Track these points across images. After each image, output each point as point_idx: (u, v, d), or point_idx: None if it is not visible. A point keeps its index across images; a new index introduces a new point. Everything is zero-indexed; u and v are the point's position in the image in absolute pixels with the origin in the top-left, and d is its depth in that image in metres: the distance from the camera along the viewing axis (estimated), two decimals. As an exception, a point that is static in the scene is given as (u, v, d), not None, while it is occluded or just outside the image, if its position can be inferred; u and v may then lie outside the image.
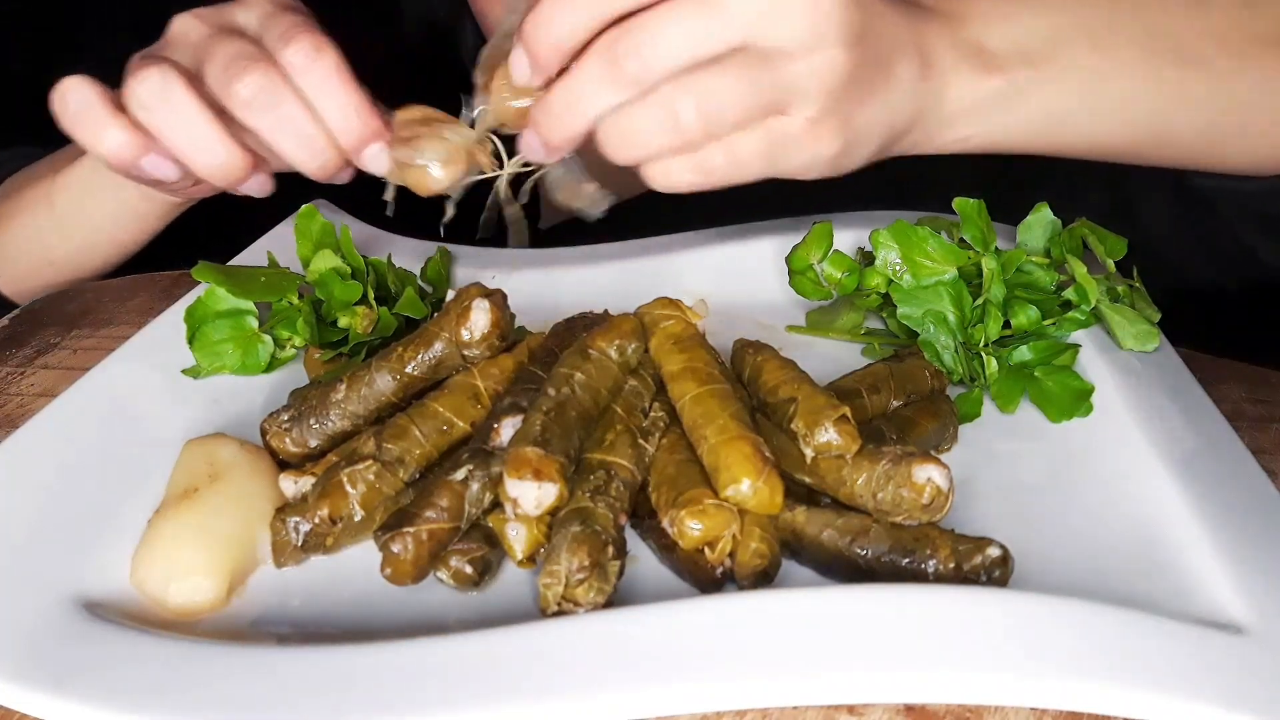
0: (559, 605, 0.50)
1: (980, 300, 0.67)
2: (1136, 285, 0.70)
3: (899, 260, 0.68)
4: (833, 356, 0.71)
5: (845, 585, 0.52)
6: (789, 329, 0.76)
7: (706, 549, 0.52)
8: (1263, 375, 0.70)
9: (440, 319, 0.62)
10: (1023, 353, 0.67)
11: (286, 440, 0.60)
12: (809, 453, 0.56)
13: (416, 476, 0.57)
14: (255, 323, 0.70)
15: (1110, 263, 0.69)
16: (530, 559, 0.54)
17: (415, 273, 0.78)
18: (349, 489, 0.55)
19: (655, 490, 0.56)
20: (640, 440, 0.57)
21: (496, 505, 0.55)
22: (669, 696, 0.44)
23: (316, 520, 0.54)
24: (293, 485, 0.58)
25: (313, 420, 0.60)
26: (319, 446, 0.60)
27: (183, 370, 0.69)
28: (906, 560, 0.52)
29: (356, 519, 0.55)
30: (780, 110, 0.55)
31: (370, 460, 0.56)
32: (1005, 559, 0.51)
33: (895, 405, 0.62)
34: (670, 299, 0.64)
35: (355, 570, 0.55)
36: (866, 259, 0.73)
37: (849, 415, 0.55)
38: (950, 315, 0.67)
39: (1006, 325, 0.67)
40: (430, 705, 0.44)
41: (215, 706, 0.45)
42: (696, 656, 0.45)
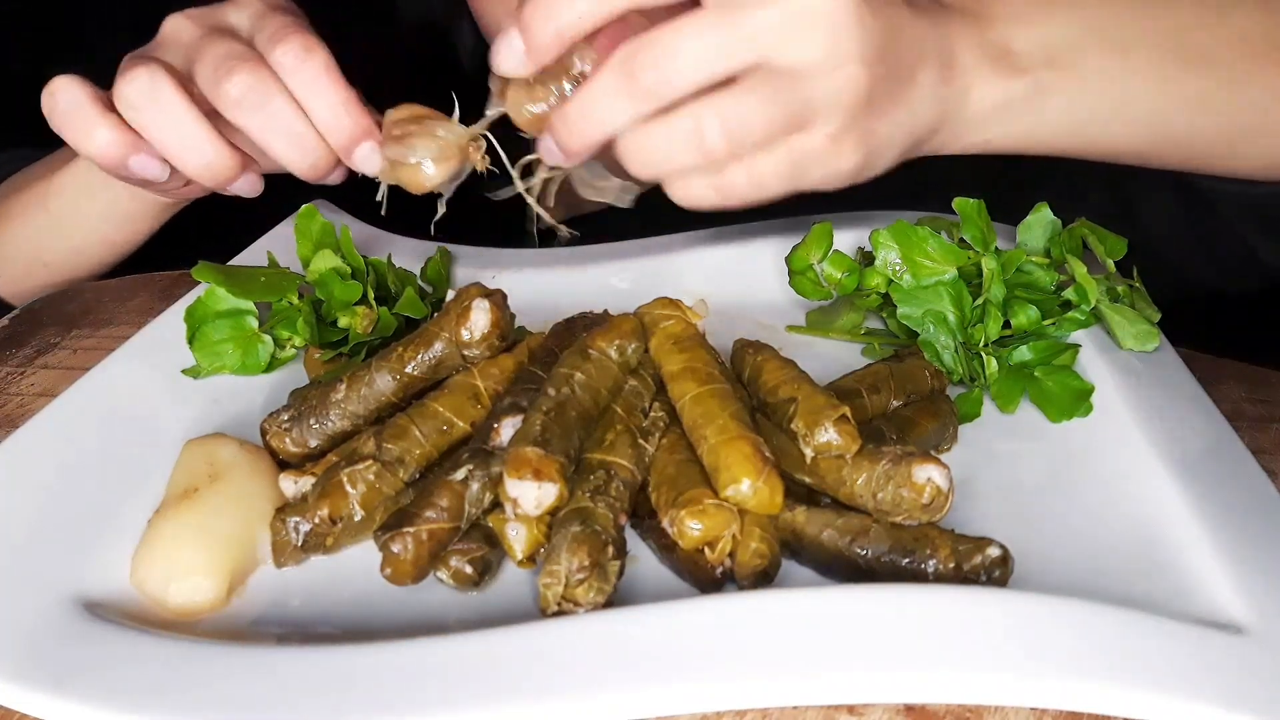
0: (559, 605, 0.50)
1: (980, 300, 0.67)
2: (1136, 285, 0.70)
3: (899, 260, 0.68)
4: (833, 356, 0.71)
5: (845, 585, 0.52)
6: (789, 329, 0.76)
7: (706, 549, 0.52)
8: (1263, 375, 0.70)
9: (440, 319, 0.62)
10: (1023, 353, 0.67)
11: (286, 440, 0.60)
12: (809, 453, 0.56)
13: (416, 476, 0.57)
14: (255, 323, 0.70)
15: (1110, 263, 0.69)
16: (530, 559, 0.53)
17: (415, 273, 0.78)
18: (349, 489, 0.55)
19: (655, 490, 0.56)
20: (640, 440, 0.57)
21: (496, 505, 0.55)
22: (669, 696, 0.44)
23: (316, 520, 0.54)
24: (293, 485, 0.58)
25: (313, 420, 0.60)
26: (319, 446, 0.60)
27: (183, 370, 0.69)
28: (906, 560, 0.52)
29: (356, 519, 0.55)
30: (801, 127, 0.54)
31: (370, 460, 0.56)
32: (1005, 559, 0.51)
33: (895, 405, 0.62)
34: (670, 299, 0.64)
35: (355, 570, 0.55)
36: (866, 259, 0.72)
37: (849, 415, 0.55)
38: (950, 315, 0.67)
39: (1006, 325, 0.67)
40: (430, 705, 0.44)
41: (215, 706, 0.45)
42: (696, 656, 0.45)
